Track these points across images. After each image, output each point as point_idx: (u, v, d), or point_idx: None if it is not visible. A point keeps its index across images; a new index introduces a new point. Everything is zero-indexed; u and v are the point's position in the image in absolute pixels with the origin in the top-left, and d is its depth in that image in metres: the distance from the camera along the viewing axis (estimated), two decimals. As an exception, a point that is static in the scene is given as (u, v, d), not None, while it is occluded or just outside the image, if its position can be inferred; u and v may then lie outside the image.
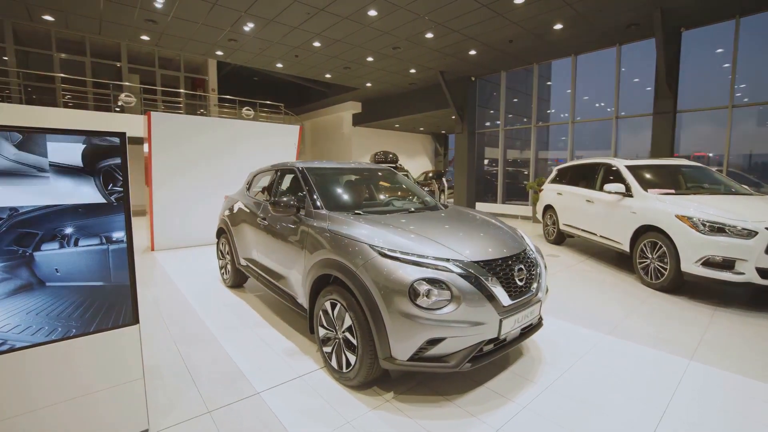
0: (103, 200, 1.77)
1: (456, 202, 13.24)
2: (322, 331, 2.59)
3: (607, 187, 5.21)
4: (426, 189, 11.89)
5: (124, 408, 1.89)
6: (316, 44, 9.63)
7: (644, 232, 4.65)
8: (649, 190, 4.81)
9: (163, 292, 4.35)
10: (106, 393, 1.82)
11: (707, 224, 3.92)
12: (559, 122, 11.09)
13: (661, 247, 4.36)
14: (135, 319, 1.89)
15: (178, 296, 4.21)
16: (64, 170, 1.67)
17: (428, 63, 10.90)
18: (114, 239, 1.80)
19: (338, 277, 2.37)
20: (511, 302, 2.25)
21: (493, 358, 2.25)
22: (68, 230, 1.70)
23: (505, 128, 11.77)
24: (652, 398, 2.30)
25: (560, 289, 4.47)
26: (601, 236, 5.56)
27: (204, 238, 6.69)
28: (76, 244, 1.72)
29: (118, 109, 12.06)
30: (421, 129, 19.75)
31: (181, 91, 14.06)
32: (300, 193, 3.19)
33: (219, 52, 10.61)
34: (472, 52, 9.76)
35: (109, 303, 1.80)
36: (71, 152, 1.68)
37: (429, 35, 8.69)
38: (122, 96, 11.48)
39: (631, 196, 4.95)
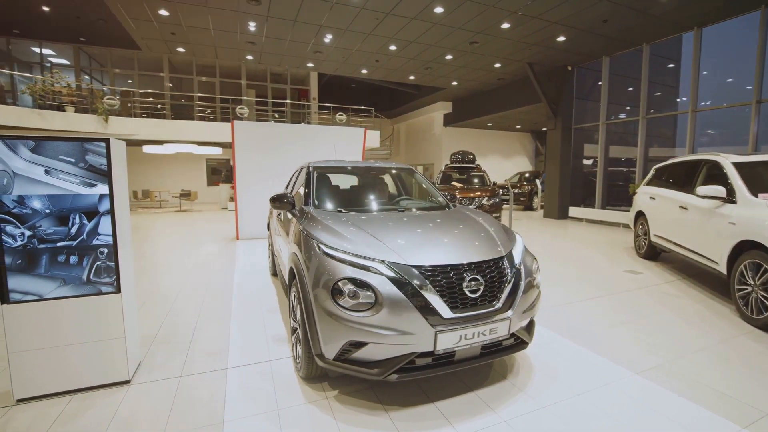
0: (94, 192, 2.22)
1: (546, 207, 11.95)
2: (291, 322, 2.72)
3: (701, 189, 4.12)
4: (502, 190, 11.03)
5: (107, 360, 2.33)
6: (392, 48, 9.84)
7: (747, 249, 3.54)
8: (760, 195, 3.63)
9: (220, 274, 5.07)
10: (91, 345, 2.28)
11: (836, 244, 2.79)
12: (674, 112, 9.08)
13: (766, 270, 3.26)
14: (117, 290, 2.31)
15: (228, 278, 4.86)
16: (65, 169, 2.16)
17: (513, 55, 10.11)
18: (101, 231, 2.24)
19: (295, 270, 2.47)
20: (453, 315, 2.01)
21: (430, 373, 2.05)
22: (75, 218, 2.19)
23: (606, 122, 10.14)
24: (640, 460, 1.79)
25: (611, 311, 3.72)
26: (693, 252, 4.40)
27: (275, 231, 7.52)
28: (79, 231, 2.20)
29: (245, 117, 14.34)
30: (518, 127, 18.36)
31: (287, 101, 15.94)
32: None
33: (310, 64, 11.70)
34: (561, 39, 8.69)
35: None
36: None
37: (505, 25, 8.07)
38: (237, 108, 13.62)
39: (733, 201, 3.82)
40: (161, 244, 7.42)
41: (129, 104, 13.92)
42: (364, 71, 12.38)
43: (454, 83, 13.61)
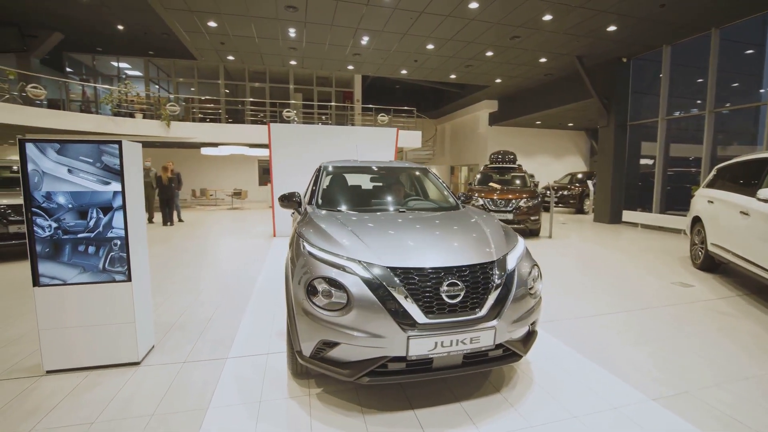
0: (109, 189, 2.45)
1: (597, 211, 11.09)
2: (287, 318, 2.79)
3: (763, 192, 3.57)
4: (548, 192, 10.38)
5: (119, 342, 2.56)
6: (430, 47, 9.72)
7: (816, 265, 3.01)
8: (837, 200, 3.07)
9: (248, 269, 5.34)
10: (105, 328, 2.52)
11: None
12: (746, 105, 7.95)
13: (838, 291, 2.74)
14: (129, 278, 2.53)
15: (254, 274, 5.11)
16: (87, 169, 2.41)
17: (559, 48, 9.52)
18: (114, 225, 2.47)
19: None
20: (428, 320, 1.93)
21: (404, 379, 1.99)
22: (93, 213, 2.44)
23: (666, 118, 9.15)
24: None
25: (641, 326, 3.36)
26: (754, 264, 3.83)
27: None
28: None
29: (295, 121, 15.00)
30: (570, 125, 17.20)
31: (332, 104, 16.43)
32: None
33: (350, 67, 11.93)
34: (612, 28, 8.00)
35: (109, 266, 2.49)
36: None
37: (547, 17, 7.61)
38: (284, 112, 14.27)
39: (802, 208, 3.26)
40: (205, 239, 7.99)
41: (193, 110, 15.20)
42: (403, 71, 12.36)
43: (498, 80, 13.11)
